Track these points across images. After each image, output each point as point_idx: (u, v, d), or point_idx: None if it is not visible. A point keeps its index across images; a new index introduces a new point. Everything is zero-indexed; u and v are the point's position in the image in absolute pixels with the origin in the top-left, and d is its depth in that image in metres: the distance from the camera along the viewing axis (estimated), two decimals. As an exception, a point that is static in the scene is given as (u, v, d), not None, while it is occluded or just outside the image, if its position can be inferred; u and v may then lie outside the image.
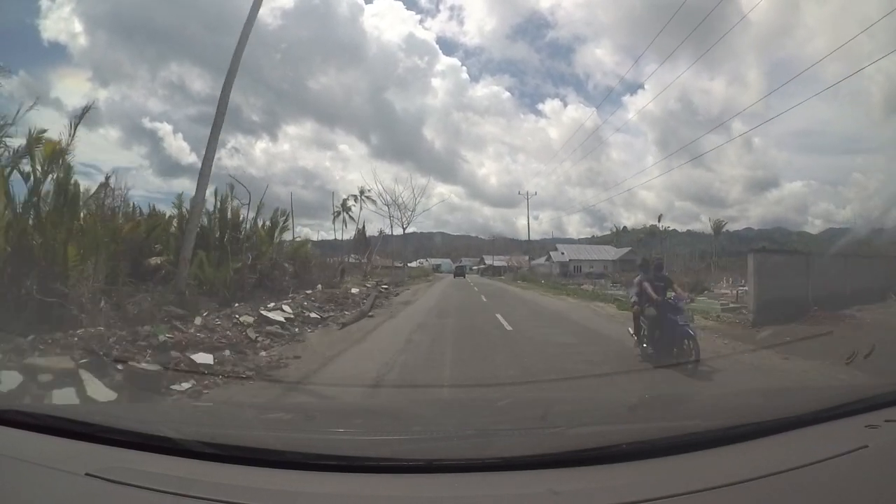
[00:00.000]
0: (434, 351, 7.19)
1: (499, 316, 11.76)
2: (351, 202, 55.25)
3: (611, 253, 60.19)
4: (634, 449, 1.10)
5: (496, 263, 70.89)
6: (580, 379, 5.29)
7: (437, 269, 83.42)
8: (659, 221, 77.55)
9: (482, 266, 79.53)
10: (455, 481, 1.02)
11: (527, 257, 75.53)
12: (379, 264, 49.55)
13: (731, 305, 12.62)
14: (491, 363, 6.32)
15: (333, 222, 54.19)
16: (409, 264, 75.75)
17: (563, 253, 59.42)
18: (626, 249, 59.58)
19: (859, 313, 9.81)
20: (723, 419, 1.34)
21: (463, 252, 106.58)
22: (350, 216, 54.85)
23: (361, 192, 57.00)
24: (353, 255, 53.51)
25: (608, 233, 79.85)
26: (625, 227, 77.13)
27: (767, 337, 7.88)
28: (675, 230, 67.73)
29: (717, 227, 65.63)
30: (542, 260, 61.71)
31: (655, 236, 68.00)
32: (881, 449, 1.11)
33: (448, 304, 16.22)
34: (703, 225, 67.10)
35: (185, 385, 4.99)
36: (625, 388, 4.96)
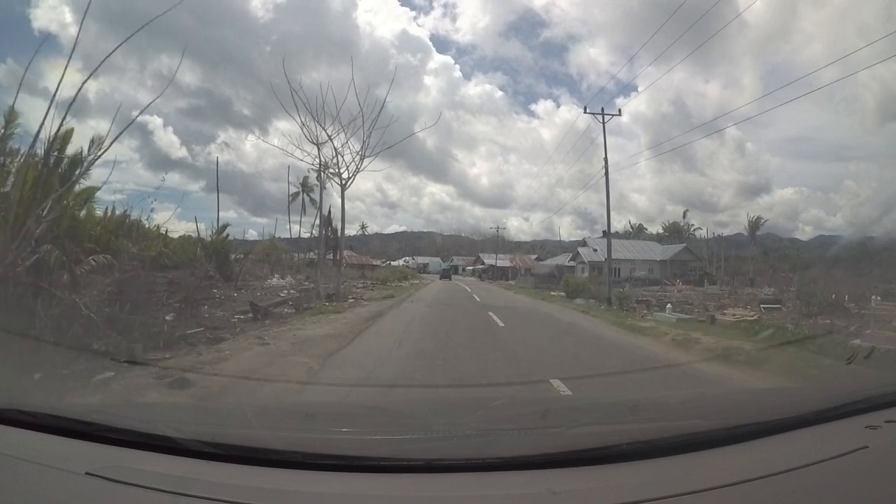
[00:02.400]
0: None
1: None
2: (314, 180, 45.85)
3: (656, 252, 46.00)
4: (634, 449, 1.09)
5: (499, 263, 58.75)
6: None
7: (423, 269, 74.08)
8: (684, 217, 68.91)
9: (479, 266, 67.06)
10: (455, 481, 1.02)
11: (533, 256, 66.23)
12: (349, 263, 39.66)
13: None
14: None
15: (289, 207, 44.89)
16: (391, 263, 66.55)
17: (595, 249, 43.28)
18: (678, 247, 46.66)
19: None
20: (723, 419, 1.32)
21: (454, 251, 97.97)
22: (311, 198, 45.99)
23: (325, 167, 47.51)
24: (313, 252, 44.61)
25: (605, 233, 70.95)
26: (640, 225, 67.79)
27: None
28: (698, 230, 58.87)
29: (755, 226, 55.12)
30: (561, 259, 49.96)
31: (679, 234, 59.26)
32: (881, 450, 1.11)
33: None
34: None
35: None
36: None
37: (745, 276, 37.42)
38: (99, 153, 6.78)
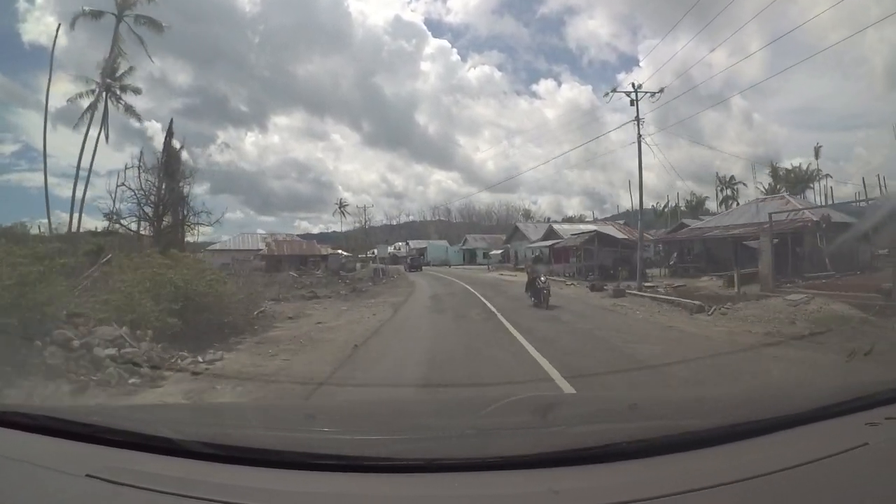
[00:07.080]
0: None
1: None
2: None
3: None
4: (635, 448, 1.08)
5: (589, 230, 29.12)
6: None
7: (417, 259, 48.47)
8: (816, 157, 48.94)
9: (534, 245, 34.63)
10: (455, 481, 1.01)
11: (617, 221, 39.68)
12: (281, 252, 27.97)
13: None
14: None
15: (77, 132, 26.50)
16: (373, 252, 43.31)
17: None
18: None
19: None
20: (723, 418, 1.32)
21: (466, 231, 72.01)
22: (133, 114, 23.37)
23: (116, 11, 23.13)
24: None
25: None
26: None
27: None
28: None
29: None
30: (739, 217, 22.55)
31: (802, 184, 44.06)
32: (881, 447, 1.09)
33: None
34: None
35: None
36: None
37: None
38: None
